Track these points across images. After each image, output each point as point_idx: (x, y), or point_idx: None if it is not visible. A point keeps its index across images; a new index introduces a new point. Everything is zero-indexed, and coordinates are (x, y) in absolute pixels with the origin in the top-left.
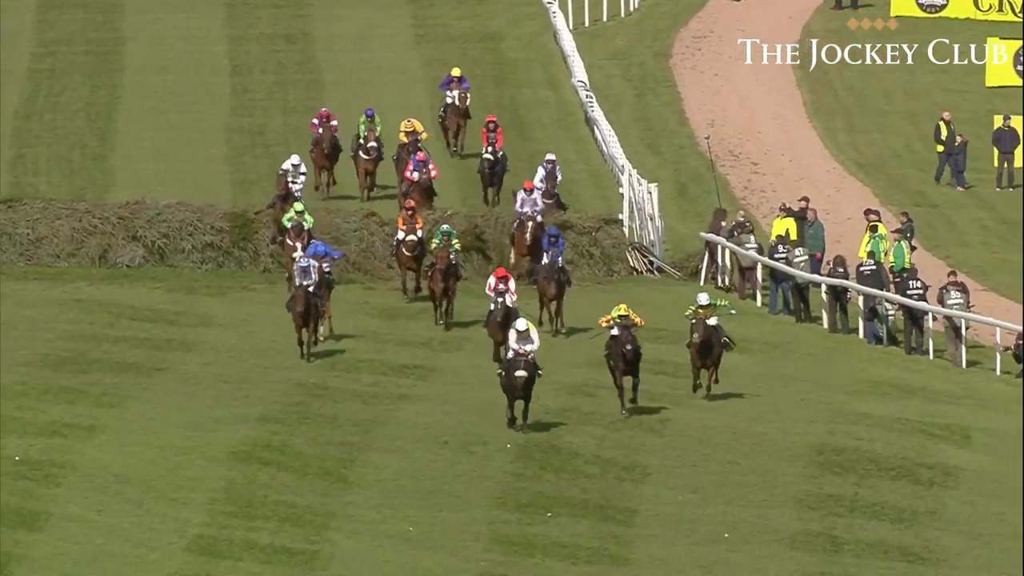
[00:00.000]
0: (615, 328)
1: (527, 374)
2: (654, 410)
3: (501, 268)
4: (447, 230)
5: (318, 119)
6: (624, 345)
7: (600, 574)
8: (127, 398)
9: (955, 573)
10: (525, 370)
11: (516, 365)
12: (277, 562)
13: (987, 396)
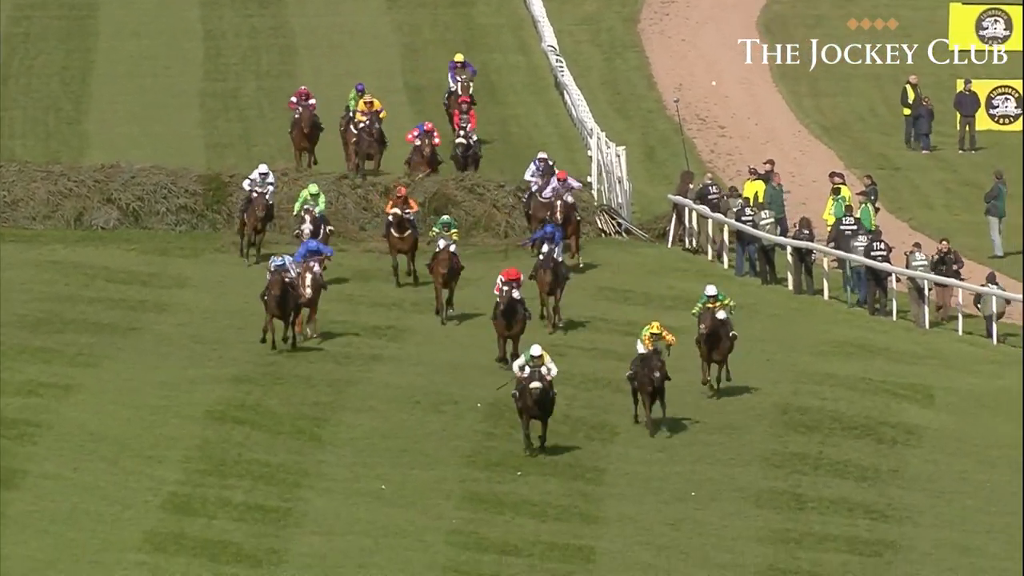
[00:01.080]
0: (641, 347)
1: (541, 385)
2: (623, 370)
3: (513, 269)
4: (447, 220)
5: (296, 98)
6: (652, 371)
7: (569, 531)
8: (102, 358)
9: (918, 530)
10: (540, 381)
11: (532, 377)
12: (251, 519)
13: (950, 356)
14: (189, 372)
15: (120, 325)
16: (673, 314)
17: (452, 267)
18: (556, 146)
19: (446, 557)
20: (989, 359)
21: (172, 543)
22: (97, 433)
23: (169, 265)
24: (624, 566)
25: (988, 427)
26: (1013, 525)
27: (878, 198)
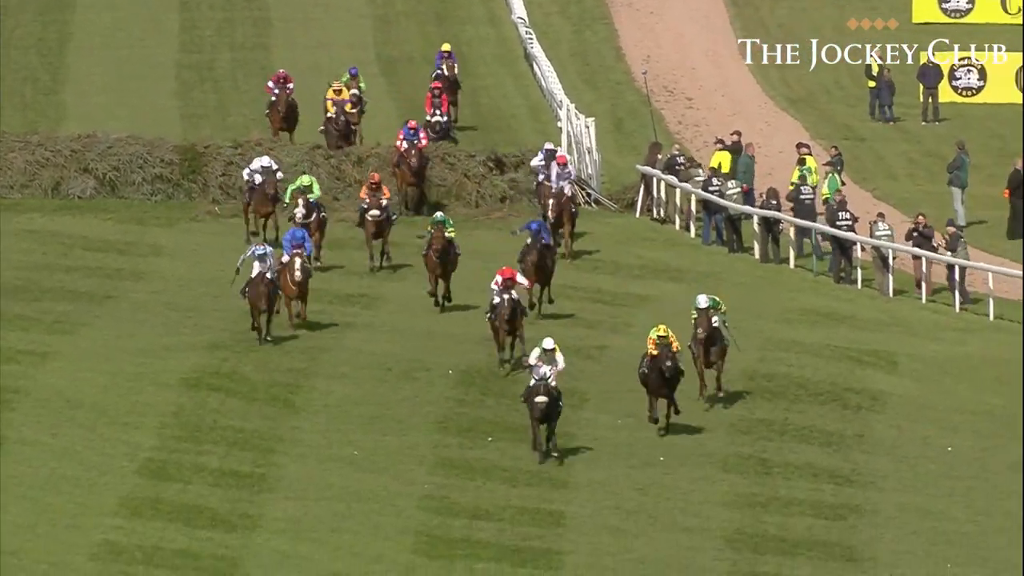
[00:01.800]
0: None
1: (548, 399)
2: (592, 337)
3: (508, 268)
4: (441, 218)
5: (274, 81)
6: (664, 361)
7: (539, 496)
8: (79, 325)
9: (882, 495)
10: (546, 395)
11: (537, 391)
12: (226, 485)
13: (913, 324)
14: (165, 339)
15: (97, 293)
16: (641, 283)
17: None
18: (526, 117)
19: (418, 521)
20: (952, 326)
21: (148, 508)
22: (74, 399)
23: (145, 234)
24: (593, 530)
25: (950, 393)
26: (975, 489)
27: (843, 168)
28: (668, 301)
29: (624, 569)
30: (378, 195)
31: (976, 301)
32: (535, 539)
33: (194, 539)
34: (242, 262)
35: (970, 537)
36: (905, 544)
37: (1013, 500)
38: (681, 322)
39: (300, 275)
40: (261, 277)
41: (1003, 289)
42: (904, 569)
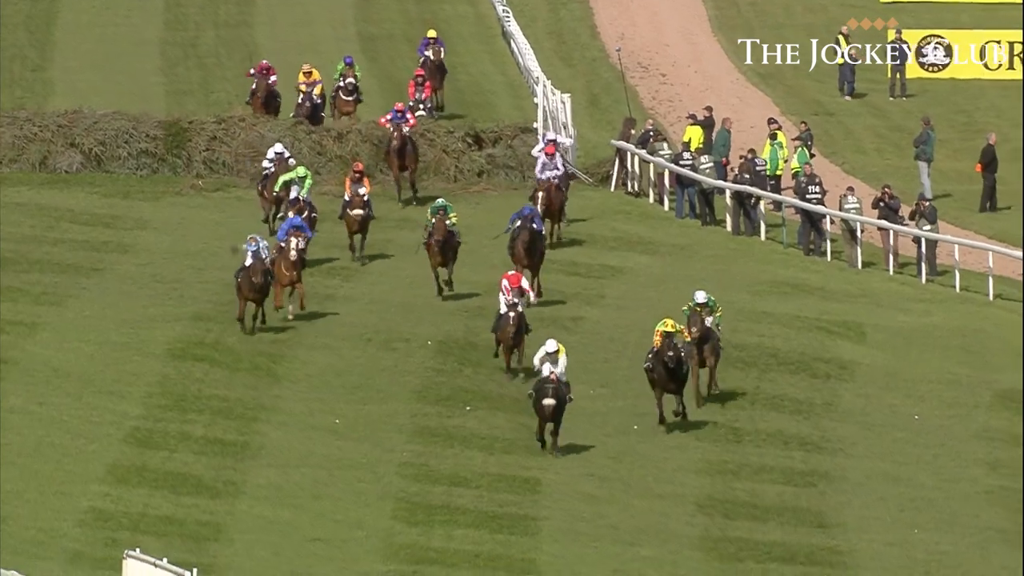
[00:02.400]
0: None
1: (555, 402)
2: (567, 309)
3: (519, 275)
4: (441, 204)
5: (256, 71)
6: (666, 352)
7: (516, 463)
8: (66, 297)
9: (850, 461)
10: (554, 397)
11: (545, 392)
12: (210, 453)
13: (881, 295)
14: (150, 310)
15: (83, 265)
16: (615, 255)
17: (450, 243)
18: (503, 94)
19: (397, 488)
20: (919, 298)
21: (134, 475)
22: (62, 369)
23: (130, 208)
24: (568, 496)
25: (917, 363)
26: (941, 456)
27: (813, 142)
28: (642, 273)
29: (599, 534)
30: (360, 186)
31: (943, 273)
32: (512, 505)
33: (179, 506)
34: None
35: (936, 503)
36: (873, 510)
37: (978, 467)
38: (653, 294)
39: (295, 254)
40: (255, 268)
41: (968, 261)
42: (872, 534)
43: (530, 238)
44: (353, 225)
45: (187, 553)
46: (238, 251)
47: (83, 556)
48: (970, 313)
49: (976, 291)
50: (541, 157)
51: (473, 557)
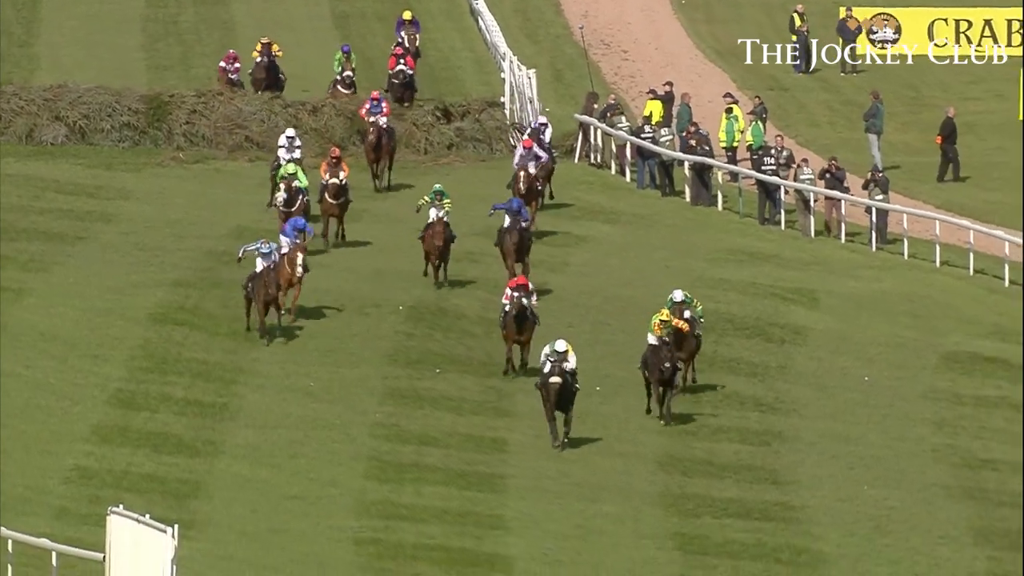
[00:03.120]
0: (652, 338)
1: (560, 380)
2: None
3: (523, 277)
4: (439, 189)
5: (225, 62)
6: (663, 362)
7: (483, 424)
8: (52, 264)
9: (803, 422)
10: (560, 376)
11: (552, 372)
12: (190, 413)
13: (833, 262)
14: (132, 277)
15: (68, 234)
16: (578, 224)
17: (446, 238)
18: (471, 69)
19: (370, 448)
20: (869, 264)
21: (117, 435)
22: (47, 333)
23: (114, 178)
24: (534, 455)
25: (867, 327)
26: (889, 416)
27: (767, 116)
28: (604, 241)
29: (563, 491)
30: (338, 170)
31: (892, 241)
32: (479, 464)
33: (160, 464)
34: (243, 253)
35: (885, 461)
36: (825, 468)
37: (924, 426)
38: (615, 262)
39: (302, 271)
40: (265, 273)
41: (916, 229)
42: (824, 490)
43: (519, 238)
44: (331, 210)
45: (168, 510)
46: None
47: (68, 512)
48: (918, 279)
49: (923, 258)
50: (519, 150)
51: (442, 513)
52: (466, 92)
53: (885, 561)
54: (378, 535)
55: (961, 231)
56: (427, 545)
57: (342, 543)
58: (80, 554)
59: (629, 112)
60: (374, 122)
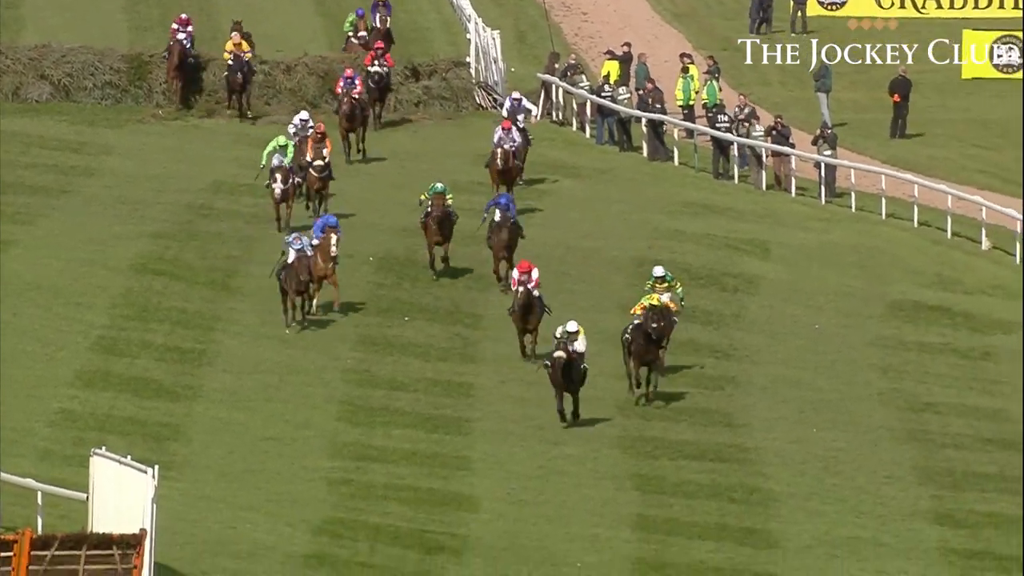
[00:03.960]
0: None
1: (564, 355)
2: None
3: (525, 262)
4: (441, 189)
5: (178, 24)
6: (651, 323)
7: (450, 370)
8: (38, 216)
9: (755, 367)
10: (565, 352)
11: (556, 347)
12: (170, 359)
13: (785, 215)
14: (114, 229)
15: (53, 188)
16: (542, 178)
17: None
18: (438, 30)
19: (342, 392)
20: (818, 217)
21: (100, 380)
22: (33, 283)
23: (96, 134)
24: (499, 400)
25: (817, 277)
26: (838, 362)
27: (721, 75)
28: (565, 195)
29: (526, 434)
30: (321, 147)
31: (840, 194)
32: (447, 408)
33: (142, 408)
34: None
35: (833, 404)
36: (776, 411)
37: (871, 371)
38: (575, 214)
39: (336, 250)
40: (297, 262)
41: (863, 183)
42: (775, 433)
43: (508, 236)
44: (314, 183)
45: (149, 451)
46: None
47: (53, 454)
48: (865, 231)
49: (870, 211)
50: (498, 132)
51: (411, 455)
52: (433, 52)
53: (833, 499)
54: (350, 475)
55: (906, 185)
56: (397, 485)
57: (315, 483)
58: (64, 494)
59: (589, 72)
60: (347, 92)
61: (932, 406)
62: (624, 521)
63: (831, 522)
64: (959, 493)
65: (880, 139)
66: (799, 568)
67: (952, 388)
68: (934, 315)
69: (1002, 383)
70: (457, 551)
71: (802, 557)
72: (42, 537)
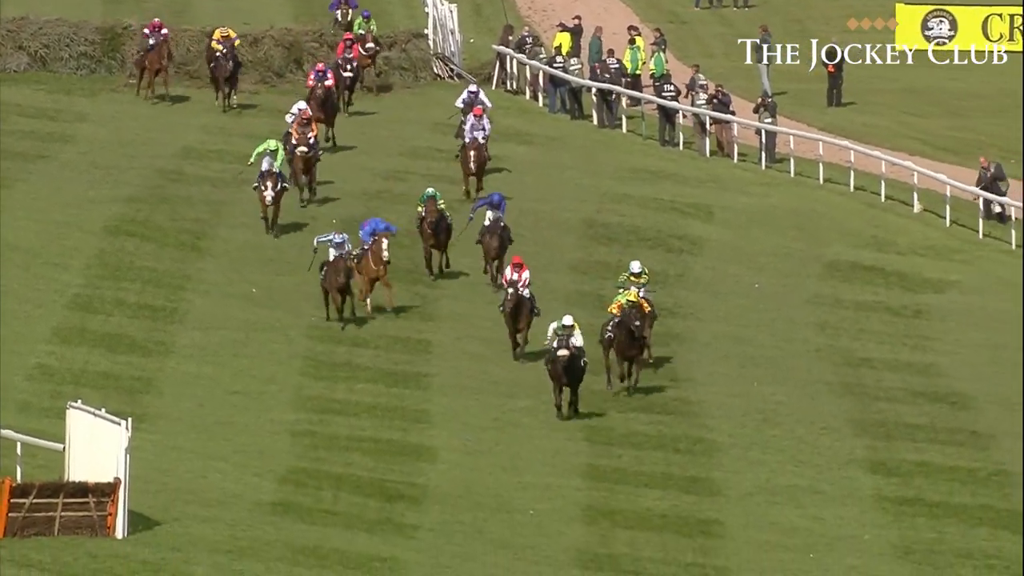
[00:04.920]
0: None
1: (568, 353)
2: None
3: (517, 257)
4: (432, 193)
5: (149, 29)
6: (634, 320)
7: (410, 327)
8: (16, 181)
9: (700, 324)
10: (568, 349)
11: (560, 345)
12: (142, 317)
13: (727, 180)
14: (89, 193)
15: (30, 153)
16: (495, 146)
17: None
18: (398, 3)
19: (305, 348)
20: (759, 182)
21: (76, 336)
22: (12, 244)
23: (72, 103)
24: (455, 356)
25: (757, 239)
26: (777, 320)
27: (667, 47)
28: (519, 161)
29: (482, 388)
30: (307, 130)
31: (780, 160)
32: (406, 363)
33: (115, 363)
34: (317, 244)
35: (773, 360)
36: (719, 366)
37: (809, 328)
38: (529, 179)
39: (387, 255)
40: (337, 262)
41: (802, 149)
42: (718, 387)
43: (500, 241)
44: (300, 163)
45: (122, 404)
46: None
47: (31, 406)
48: (803, 195)
49: (808, 176)
50: (470, 119)
51: (372, 408)
52: (394, 25)
53: (773, 449)
54: (314, 427)
55: (842, 151)
56: (358, 437)
57: (281, 435)
58: (42, 444)
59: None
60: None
61: (867, 361)
62: (575, 470)
63: (771, 471)
64: (892, 443)
65: (817, 108)
66: (741, 514)
67: (885, 344)
68: (868, 275)
69: (933, 340)
70: (416, 499)
71: (744, 504)
72: (21, 485)
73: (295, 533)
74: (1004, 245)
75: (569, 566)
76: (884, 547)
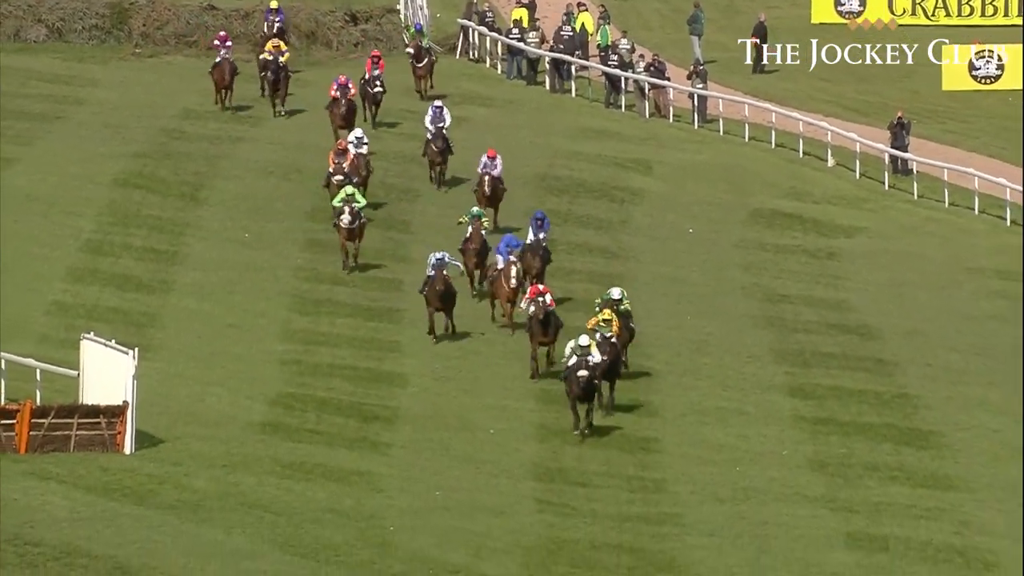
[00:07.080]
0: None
1: (588, 374)
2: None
3: (535, 287)
4: (477, 212)
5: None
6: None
7: (384, 268)
8: (35, 139)
9: (640, 266)
10: (587, 370)
11: (580, 365)
12: (148, 259)
13: (665, 138)
14: (100, 149)
15: (48, 114)
16: (459, 108)
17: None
18: None
19: (292, 286)
20: (693, 140)
21: (89, 276)
22: (32, 194)
23: (85, 70)
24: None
25: (691, 190)
26: (708, 261)
27: (611, 21)
28: (480, 122)
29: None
30: (341, 160)
31: (711, 121)
32: (381, 300)
33: (124, 299)
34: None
35: (705, 297)
36: (657, 303)
37: (736, 269)
38: (489, 138)
39: (515, 282)
40: (437, 278)
41: (730, 111)
42: (655, 320)
43: (541, 264)
44: (335, 191)
45: (130, 336)
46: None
47: (49, 338)
48: (731, 152)
49: (735, 135)
50: (483, 159)
51: (351, 339)
52: (369, 1)
53: (704, 376)
54: (299, 357)
55: (765, 112)
56: (339, 365)
57: (270, 363)
58: (59, 371)
59: (500, 19)
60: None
61: (786, 298)
62: (529, 394)
63: (702, 395)
64: (808, 370)
65: (743, 74)
66: (675, 433)
67: (803, 282)
68: (788, 221)
69: (844, 279)
70: (390, 420)
71: (678, 424)
72: (40, 407)
73: (283, 450)
74: (907, 195)
75: (525, 478)
76: (801, 461)
